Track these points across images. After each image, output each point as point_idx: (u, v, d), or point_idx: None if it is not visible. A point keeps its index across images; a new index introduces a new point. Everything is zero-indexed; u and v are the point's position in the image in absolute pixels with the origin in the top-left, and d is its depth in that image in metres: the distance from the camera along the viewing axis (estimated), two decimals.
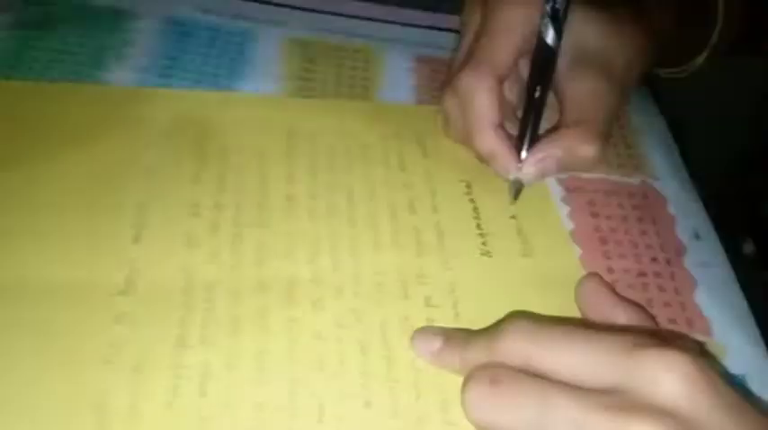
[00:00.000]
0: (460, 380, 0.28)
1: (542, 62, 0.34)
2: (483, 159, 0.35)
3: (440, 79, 0.42)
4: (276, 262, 0.31)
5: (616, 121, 0.38)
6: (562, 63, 0.35)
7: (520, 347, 0.25)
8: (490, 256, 0.33)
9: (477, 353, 0.26)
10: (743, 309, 0.33)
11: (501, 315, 0.29)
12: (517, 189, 0.35)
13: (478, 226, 0.34)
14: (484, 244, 0.33)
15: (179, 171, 0.34)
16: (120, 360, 0.27)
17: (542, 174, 0.35)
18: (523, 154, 0.35)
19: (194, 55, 0.40)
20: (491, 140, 0.34)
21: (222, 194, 0.33)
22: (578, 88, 0.35)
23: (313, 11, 0.45)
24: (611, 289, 0.30)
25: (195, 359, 0.27)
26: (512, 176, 0.35)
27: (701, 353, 0.23)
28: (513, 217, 0.35)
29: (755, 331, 0.32)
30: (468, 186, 0.36)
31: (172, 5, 0.43)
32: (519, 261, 0.33)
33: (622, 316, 0.29)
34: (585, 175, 0.38)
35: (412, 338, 0.29)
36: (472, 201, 0.35)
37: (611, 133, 0.36)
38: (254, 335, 0.28)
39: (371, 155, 0.37)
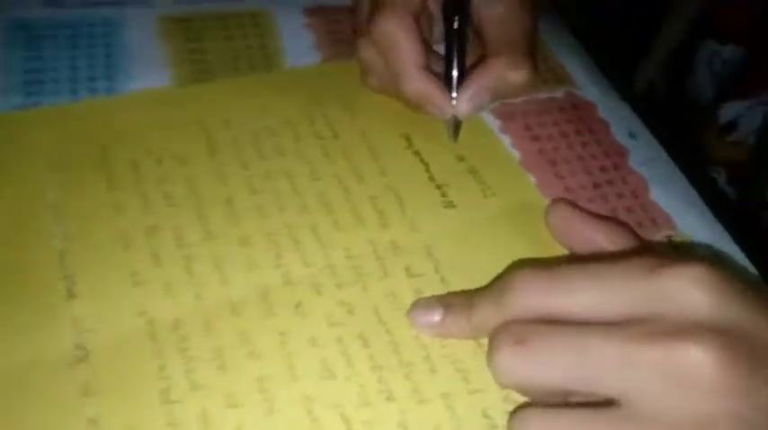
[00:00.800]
0: (472, 344, 0.26)
1: None
2: (413, 105, 0.33)
3: (339, 30, 0.39)
4: (240, 275, 0.28)
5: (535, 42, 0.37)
6: None
7: (534, 299, 0.24)
8: (454, 206, 0.31)
9: (487, 315, 0.25)
10: (693, 195, 0.34)
11: (485, 267, 0.28)
12: (455, 128, 0.33)
13: (431, 178, 0.32)
14: (443, 195, 0.31)
15: (92, 200, 0.29)
16: None
17: (478, 108, 0.33)
18: (454, 92, 0.33)
19: (58, 61, 0.34)
20: (420, 83, 0.32)
21: (151, 216, 0.29)
22: (495, 14, 0.34)
23: None
24: (580, 209, 0.30)
25: (190, 410, 0.24)
26: (448, 116, 0.33)
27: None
28: (461, 159, 0.33)
29: (708, 213, 0.33)
30: (408, 139, 0.33)
31: (9, 5, 0.36)
32: (483, 203, 0.31)
33: (600, 234, 0.28)
34: (515, 101, 0.37)
35: (409, 315, 0.27)
36: (417, 153, 0.33)
37: (536, 52, 0.35)
38: (246, 364, 0.25)
39: (298, 129, 0.33)
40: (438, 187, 0.32)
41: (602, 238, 0.28)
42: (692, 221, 0.33)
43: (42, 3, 0.37)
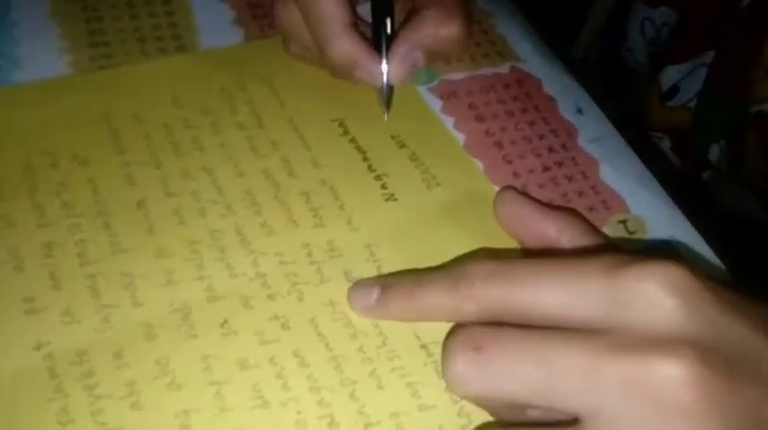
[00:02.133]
0: (422, 354, 0.23)
1: None
2: (340, 72, 0.29)
3: (261, 5, 0.34)
4: (155, 293, 0.23)
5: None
6: None
7: (491, 291, 0.21)
8: (396, 200, 0.27)
9: (435, 300, 0.22)
10: (645, 174, 0.31)
11: (428, 260, 0.25)
12: (388, 95, 0.29)
13: (370, 167, 0.28)
14: (384, 187, 0.28)
15: None
16: None
17: (411, 70, 0.29)
18: (384, 55, 0.29)
19: None
20: (347, 45, 0.28)
21: (48, 229, 0.24)
22: None
23: None
24: (528, 199, 0.27)
25: None
26: (379, 81, 0.29)
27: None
28: (402, 145, 0.29)
29: (662, 192, 0.31)
30: (342, 124, 0.30)
31: None
32: (426, 196, 0.28)
33: (551, 225, 0.25)
34: (456, 77, 0.33)
35: (348, 296, 0.24)
36: (353, 140, 0.29)
37: (470, 5, 0.31)
38: (166, 397, 0.21)
39: (219, 119, 0.29)
40: (378, 178, 0.28)
41: (552, 229, 0.25)
42: (645, 202, 0.30)
43: None
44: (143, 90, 0.29)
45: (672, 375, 0.18)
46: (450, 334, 0.22)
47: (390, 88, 0.29)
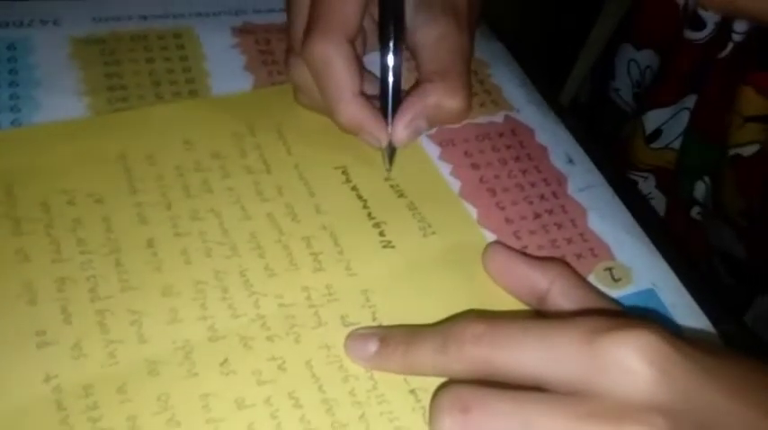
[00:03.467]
0: (410, 400, 0.24)
1: (392, 15, 0.29)
2: (348, 131, 0.30)
3: (271, 51, 0.35)
4: (160, 331, 0.24)
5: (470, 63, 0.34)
6: (407, 12, 0.30)
7: (478, 352, 0.21)
8: (393, 247, 0.28)
9: (426, 357, 0.22)
10: (631, 222, 0.32)
11: (424, 313, 0.25)
12: (391, 155, 0.30)
13: (370, 215, 0.29)
14: (382, 234, 0.28)
15: None
16: None
17: (414, 136, 0.30)
18: (390, 118, 0.30)
19: None
20: (354, 111, 0.29)
21: (62, 265, 0.25)
22: (429, 36, 0.30)
23: None
24: (517, 252, 0.27)
25: None
26: (383, 144, 0.30)
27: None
28: (401, 195, 0.30)
29: (647, 240, 0.31)
30: (345, 172, 0.30)
31: None
32: (422, 243, 0.28)
33: (541, 279, 0.26)
34: (454, 125, 0.34)
35: (345, 344, 0.24)
36: (354, 188, 0.30)
37: (470, 78, 0.32)
38: None
39: (228, 163, 0.29)
40: (376, 225, 0.28)
41: (542, 281, 0.26)
42: (631, 250, 0.30)
43: None
44: (157, 132, 0.30)
45: None
46: (438, 390, 0.22)
47: (393, 150, 0.30)
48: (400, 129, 0.29)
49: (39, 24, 0.32)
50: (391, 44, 0.29)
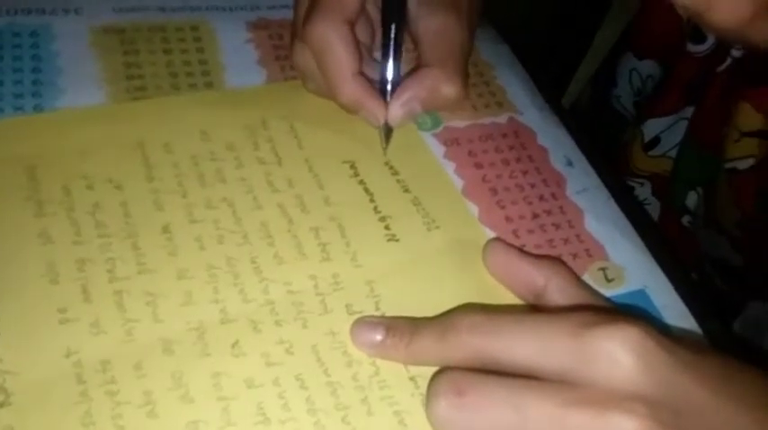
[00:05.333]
0: (410, 386, 0.25)
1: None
2: (349, 110, 0.32)
3: (284, 46, 0.36)
4: (174, 312, 0.25)
5: (469, 57, 0.36)
6: (410, 1, 0.32)
7: (474, 341, 0.23)
8: (397, 241, 0.29)
9: (427, 347, 0.24)
10: (626, 225, 0.33)
11: (426, 304, 0.27)
12: (387, 134, 0.32)
13: (376, 209, 0.30)
14: (387, 227, 0.30)
15: (18, 228, 0.26)
16: None
17: (409, 116, 0.32)
18: (389, 97, 0.32)
19: None
20: (353, 90, 0.30)
21: (82, 246, 0.26)
22: (429, 26, 0.32)
23: None
24: (516, 251, 0.29)
25: None
26: (380, 122, 0.32)
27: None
28: (406, 190, 0.31)
29: (640, 242, 0.33)
30: (353, 167, 0.32)
31: None
32: (426, 237, 0.30)
33: (538, 276, 0.27)
34: (459, 125, 0.35)
35: (351, 331, 0.25)
36: (362, 182, 0.31)
37: (467, 67, 0.34)
38: (178, 408, 0.23)
39: (242, 154, 0.31)
40: (382, 219, 0.30)
41: (539, 278, 0.27)
42: (624, 251, 0.32)
43: None
44: (174, 122, 0.31)
45: (625, 429, 0.20)
46: (435, 375, 0.23)
47: (390, 129, 0.32)
48: (395, 107, 0.31)
49: (61, 13, 0.33)
50: (393, 28, 0.31)
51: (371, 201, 0.30)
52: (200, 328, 0.25)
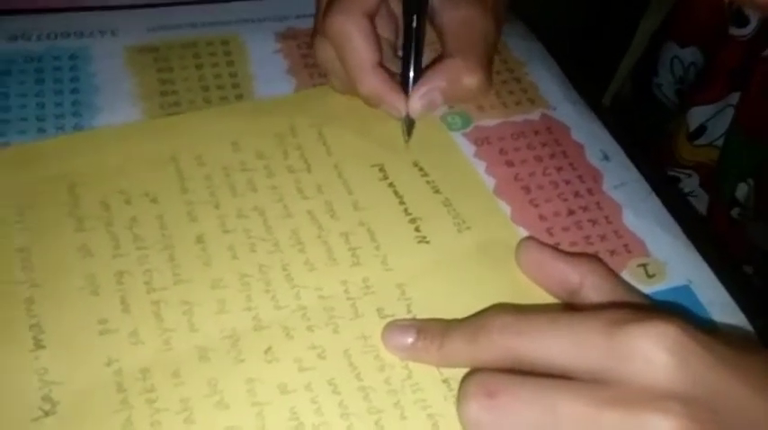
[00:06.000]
0: (442, 389, 0.25)
1: None
2: (370, 103, 0.32)
3: (312, 54, 0.37)
4: (209, 320, 0.26)
5: (496, 51, 0.35)
6: None
7: (506, 341, 0.23)
8: (428, 242, 0.29)
9: (458, 349, 0.24)
10: (667, 219, 0.32)
11: (458, 306, 0.26)
12: (409, 126, 0.32)
13: (406, 211, 0.30)
14: (417, 229, 0.30)
15: (60, 243, 0.28)
16: None
17: (429, 107, 0.32)
18: (410, 89, 0.31)
19: (24, 97, 0.32)
20: (373, 82, 0.30)
21: (121, 259, 0.27)
22: (453, 16, 0.32)
23: (140, 6, 0.36)
24: (550, 249, 0.28)
25: None
26: (401, 114, 0.31)
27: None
28: (436, 191, 0.31)
29: (683, 236, 0.32)
30: (382, 170, 0.32)
31: None
32: (457, 238, 0.29)
33: (573, 274, 0.27)
34: (489, 123, 0.35)
35: (382, 335, 0.26)
36: (391, 185, 0.31)
37: (493, 60, 0.34)
38: (214, 414, 0.24)
39: (272, 163, 0.31)
40: (412, 221, 0.30)
41: (574, 276, 0.27)
42: (666, 246, 0.31)
43: (6, 37, 0.34)
44: (205, 135, 0.32)
45: (661, 428, 0.19)
46: (465, 376, 0.23)
47: (411, 121, 0.32)
48: (416, 99, 0.31)
49: (98, 35, 0.35)
50: (414, 18, 0.31)
51: (401, 203, 0.30)
52: (234, 336, 0.26)
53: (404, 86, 0.31)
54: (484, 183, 0.32)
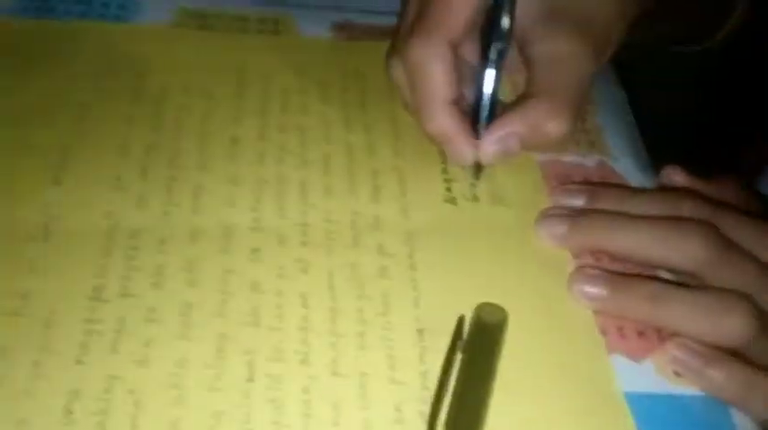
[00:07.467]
0: (411, 336, 0.23)
1: (497, 16, 0.26)
2: (435, 142, 0.28)
3: None
4: (213, 208, 0.26)
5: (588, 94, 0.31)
6: (529, 17, 0.27)
7: (706, 210, 0.26)
8: (455, 204, 0.28)
9: (647, 205, 0.26)
10: None
11: (461, 265, 0.25)
12: (476, 170, 0.28)
13: (444, 170, 0.29)
14: (448, 189, 0.28)
15: (112, 110, 0.29)
16: (29, 312, 0.23)
17: (503, 155, 0.27)
18: (482, 131, 0.27)
19: None
20: (442, 122, 0.27)
21: (157, 134, 0.29)
22: (547, 51, 0.27)
23: None
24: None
25: (110, 313, 0.23)
26: (468, 163, 0.28)
27: None
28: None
29: None
30: None
31: None
32: (487, 209, 0.28)
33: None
34: (538, 156, 0.30)
35: (536, 224, 0.27)
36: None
37: (582, 107, 0.29)
38: (180, 287, 0.24)
39: (330, 93, 0.31)
40: (446, 180, 0.29)
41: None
42: None
43: None
44: (276, 58, 0.33)
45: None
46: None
47: (480, 166, 0.28)
48: (489, 143, 0.27)
49: None
50: (493, 51, 0.27)
51: (443, 162, 0.29)
52: (230, 229, 0.26)
53: (474, 127, 0.27)
54: (537, 168, 0.30)
